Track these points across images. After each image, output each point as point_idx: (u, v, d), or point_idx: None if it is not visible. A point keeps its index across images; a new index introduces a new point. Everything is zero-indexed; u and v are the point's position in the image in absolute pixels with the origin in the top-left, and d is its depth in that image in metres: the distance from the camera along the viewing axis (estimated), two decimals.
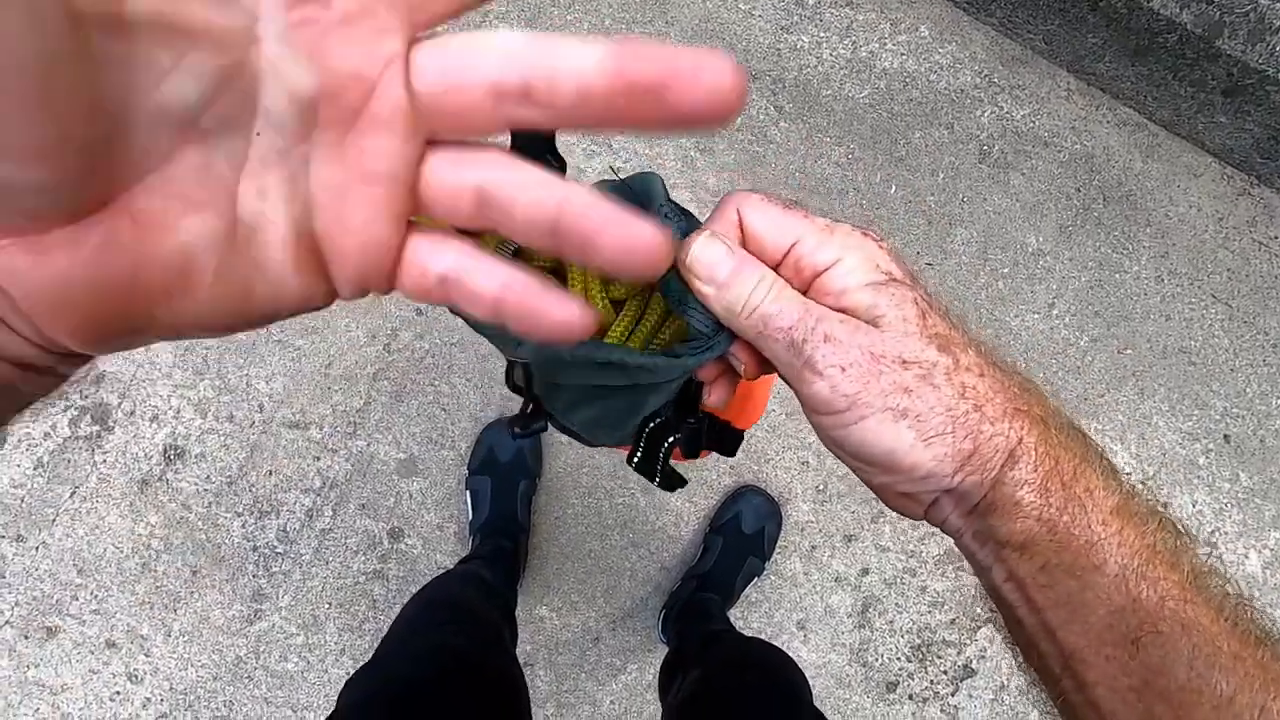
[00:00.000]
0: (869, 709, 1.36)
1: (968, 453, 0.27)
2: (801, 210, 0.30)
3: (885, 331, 0.27)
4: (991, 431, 0.26)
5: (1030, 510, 0.27)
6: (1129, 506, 0.27)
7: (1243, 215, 1.47)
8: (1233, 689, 0.24)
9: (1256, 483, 1.42)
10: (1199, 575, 0.26)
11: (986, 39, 1.48)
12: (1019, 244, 1.45)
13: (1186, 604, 0.25)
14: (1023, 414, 0.27)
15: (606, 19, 1.43)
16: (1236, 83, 1.30)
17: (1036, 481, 0.26)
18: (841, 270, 0.28)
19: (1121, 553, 0.26)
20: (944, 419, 0.26)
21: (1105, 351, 1.44)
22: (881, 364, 0.26)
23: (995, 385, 0.27)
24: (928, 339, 0.27)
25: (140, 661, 1.29)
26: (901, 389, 0.26)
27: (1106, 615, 0.26)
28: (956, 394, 0.26)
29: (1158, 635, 0.25)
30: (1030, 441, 0.27)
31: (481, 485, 1.29)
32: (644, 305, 0.38)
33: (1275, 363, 1.45)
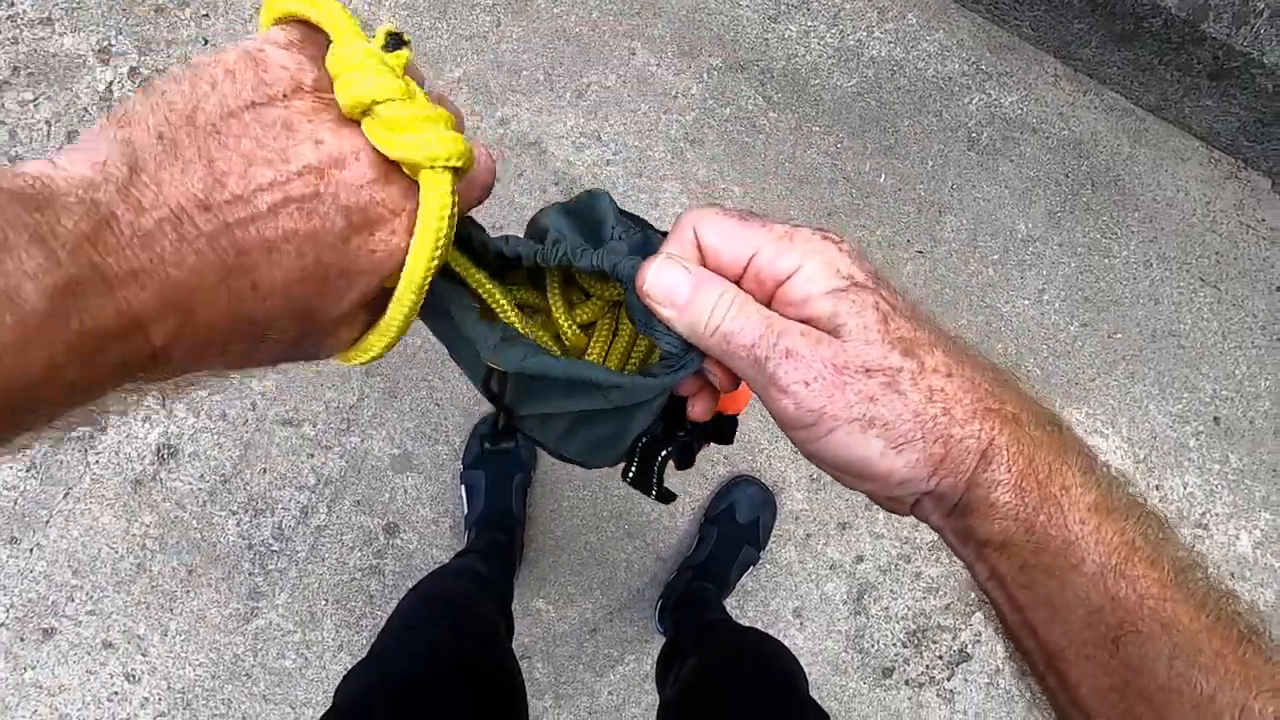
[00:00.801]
0: (865, 695, 1.37)
1: (939, 456, 0.27)
2: (759, 219, 0.29)
3: (847, 341, 0.27)
4: (962, 434, 0.26)
5: (1006, 511, 0.27)
6: (1108, 502, 0.27)
7: (1230, 198, 1.48)
8: (1213, 687, 0.24)
9: (1246, 464, 1.43)
10: (1181, 571, 0.26)
11: (973, 26, 1.48)
12: (1009, 230, 1.45)
13: (1167, 601, 0.25)
14: (993, 413, 0.27)
15: (594, 11, 1.42)
16: (1222, 66, 1.31)
17: (1011, 481, 0.26)
18: (801, 279, 0.28)
19: (1099, 551, 0.26)
20: (912, 425, 0.26)
21: (1095, 336, 1.44)
22: (845, 375, 0.26)
23: (964, 385, 0.27)
24: (890, 344, 0.27)
25: (138, 661, 1.29)
26: (867, 398, 0.26)
27: (1086, 615, 0.26)
28: (924, 398, 0.26)
29: (1137, 634, 0.25)
30: (1002, 441, 0.27)
31: (476, 479, 1.29)
32: (614, 326, 0.38)
33: (1264, 344, 1.46)
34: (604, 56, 1.42)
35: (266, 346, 0.27)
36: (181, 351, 0.24)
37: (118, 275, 0.22)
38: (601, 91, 1.41)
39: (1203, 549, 1.41)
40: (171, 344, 0.24)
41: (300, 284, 0.26)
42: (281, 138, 0.26)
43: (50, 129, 1.32)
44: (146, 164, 0.23)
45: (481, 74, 1.40)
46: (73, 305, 0.21)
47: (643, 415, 0.35)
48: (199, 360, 0.26)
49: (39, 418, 0.23)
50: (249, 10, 1.38)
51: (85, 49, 1.35)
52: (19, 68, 1.33)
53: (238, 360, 0.27)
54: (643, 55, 1.43)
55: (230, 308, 0.24)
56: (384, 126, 0.28)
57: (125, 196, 0.23)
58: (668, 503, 0.41)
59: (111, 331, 0.22)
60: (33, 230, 0.20)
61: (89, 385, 0.23)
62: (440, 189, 0.29)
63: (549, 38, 1.41)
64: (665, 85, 1.42)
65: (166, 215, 0.23)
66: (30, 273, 0.20)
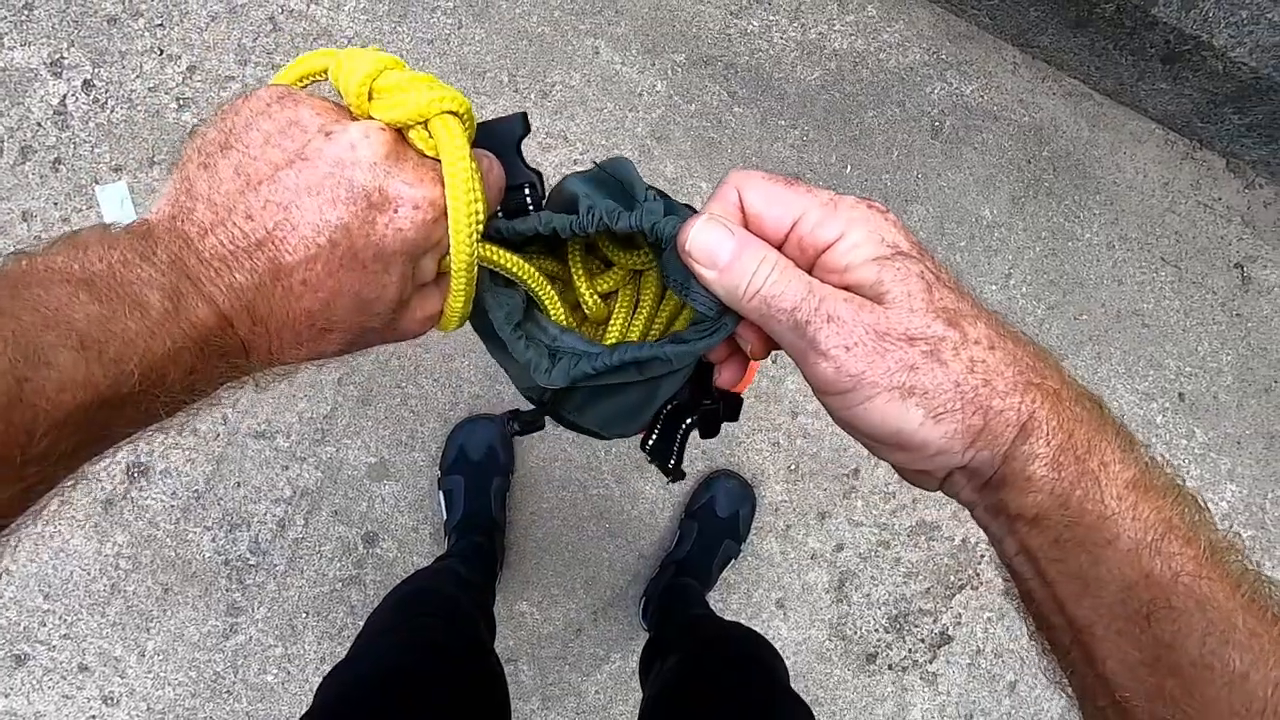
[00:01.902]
0: (850, 681, 1.38)
1: (978, 428, 0.26)
2: (804, 185, 0.29)
3: (890, 308, 0.27)
4: (1002, 406, 0.26)
5: (1042, 484, 0.26)
6: (1146, 480, 0.26)
7: (1186, 179, 1.51)
8: (1247, 665, 0.24)
9: (1211, 438, 1.47)
10: (1216, 551, 0.25)
11: (933, 16, 1.50)
12: (974, 217, 1.47)
13: (1202, 579, 0.25)
14: (1035, 387, 0.27)
15: (556, 11, 1.42)
16: (1174, 50, 1.33)
17: (1049, 456, 0.26)
18: (845, 246, 0.28)
19: (1135, 527, 0.25)
20: (952, 395, 0.26)
21: (1062, 318, 1.47)
22: (886, 341, 0.26)
23: (1006, 358, 0.27)
24: (934, 313, 0.27)
25: (115, 684, 1.27)
26: (907, 366, 0.26)
27: (1118, 590, 0.25)
28: (965, 369, 0.26)
29: (1170, 610, 0.25)
30: (1042, 415, 0.26)
31: (455, 485, 1.28)
32: (636, 293, 0.38)
33: (1224, 320, 1.49)
34: (567, 56, 1.42)
35: (334, 335, 0.30)
36: (260, 346, 0.29)
37: (202, 283, 0.27)
38: (566, 91, 1.41)
39: None
40: (250, 339, 0.28)
41: (340, 273, 0.28)
42: (294, 133, 0.29)
43: (3, 145, 1.29)
44: (199, 190, 0.28)
45: (444, 77, 1.39)
46: (179, 306, 0.26)
47: (670, 383, 0.34)
48: (279, 353, 0.30)
49: (168, 402, 0.27)
50: (204, 19, 1.36)
51: (36, 62, 1.32)
52: None
53: (313, 349, 0.30)
54: (606, 54, 1.43)
55: (286, 304, 0.28)
56: (386, 96, 0.30)
57: (190, 219, 0.28)
58: (678, 479, 0.40)
59: (210, 327, 0.27)
60: (142, 254, 0.26)
61: (203, 372, 0.28)
62: (452, 132, 0.30)
63: (511, 39, 1.41)
64: (630, 83, 1.42)
65: (221, 228, 0.28)
66: (148, 283, 0.26)
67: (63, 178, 1.31)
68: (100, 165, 1.32)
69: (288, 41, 1.37)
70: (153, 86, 1.34)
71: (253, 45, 1.36)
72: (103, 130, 1.32)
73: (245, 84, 1.35)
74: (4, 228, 1.29)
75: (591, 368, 0.33)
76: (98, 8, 1.34)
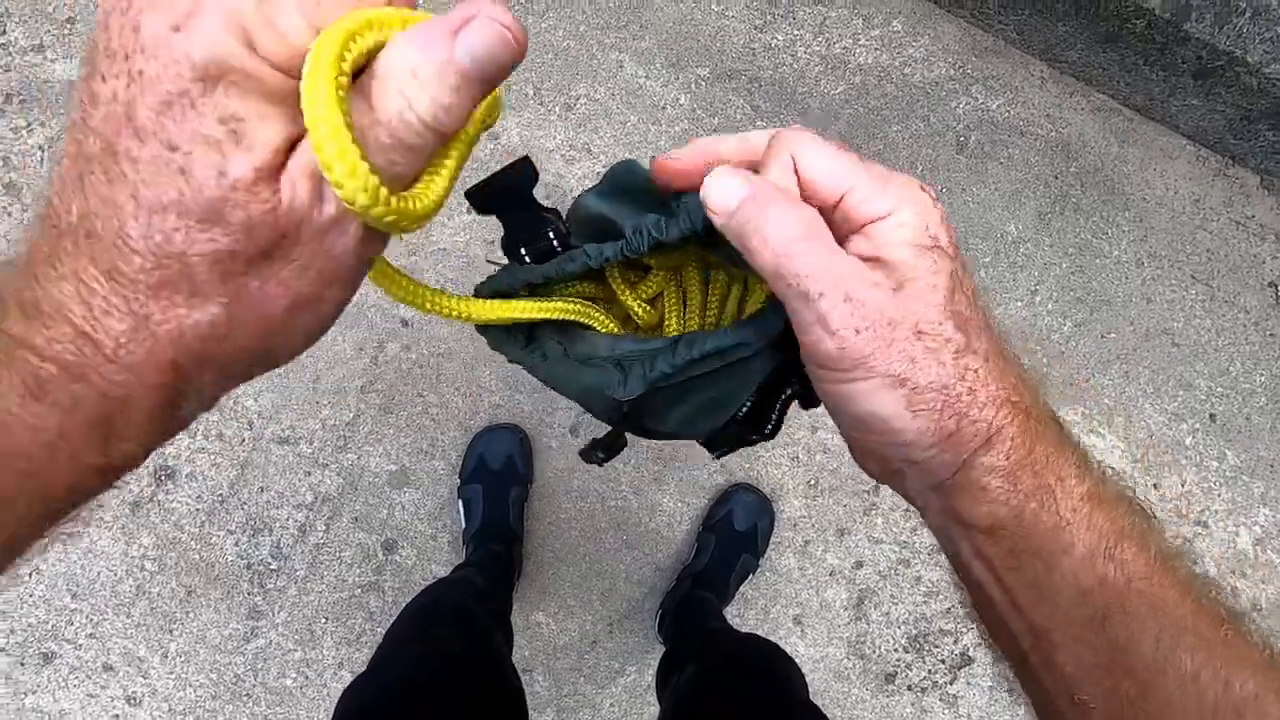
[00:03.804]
0: (868, 701, 1.37)
1: (949, 431, 0.27)
2: (854, 153, 0.29)
3: (909, 297, 0.26)
4: (977, 416, 0.27)
5: (996, 495, 0.27)
6: (1100, 492, 0.27)
7: (1219, 196, 1.49)
8: (1198, 666, 0.25)
9: (1244, 460, 1.43)
10: (1167, 556, 0.26)
11: (959, 31, 1.49)
12: (999, 233, 1.46)
13: (1154, 584, 0.26)
14: (1010, 404, 0.27)
15: (581, 25, 1.43)
16: (1206, 65, 1.31)
17: (1006, 469, 0.27)
18: (892, 223, 0.27)
19: (1090, 536, 0.26)
20: (937, 396, 0.26)
21: (1089, 336, 1.45)
22: (896, 331, 0.26)
23: (995, 372, 0.27)
24: (949, 314, 0.27)
25: (138, 684, 1.29)
26: (909, 358, 0.26)
27: (1074, 595, 0.26)
28: (958, 375, 0.26)
29: (1125, 615, 0.25)
30: (1009, 430, 0.27)
31: (473, 493, 1.29)
32: (681, 289, 0.37)
33: (1257, 340, 1.46)
34: (592, 69, 1.43)
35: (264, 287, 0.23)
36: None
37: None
38: (590, 104, 1.42)
39: (1202, 547, 1.41)
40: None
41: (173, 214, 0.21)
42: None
43: (43, 155, 1.33)
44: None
45: None
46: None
47: (761, 361, 0.32)
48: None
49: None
50: None
51: (77, 75, 1.36)
52: (11, 95, 1.34)
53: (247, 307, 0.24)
54: (631, 67, 1.44)
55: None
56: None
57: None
58: (772, 438, 0.37)
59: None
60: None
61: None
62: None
63: (536, 52, 1.42)
64: (654, 96, 1.43)
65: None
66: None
67: None
68: None
69: None
70: None
71: None
72: None
73: None
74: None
75: (670, 366, 0.32)
76: None
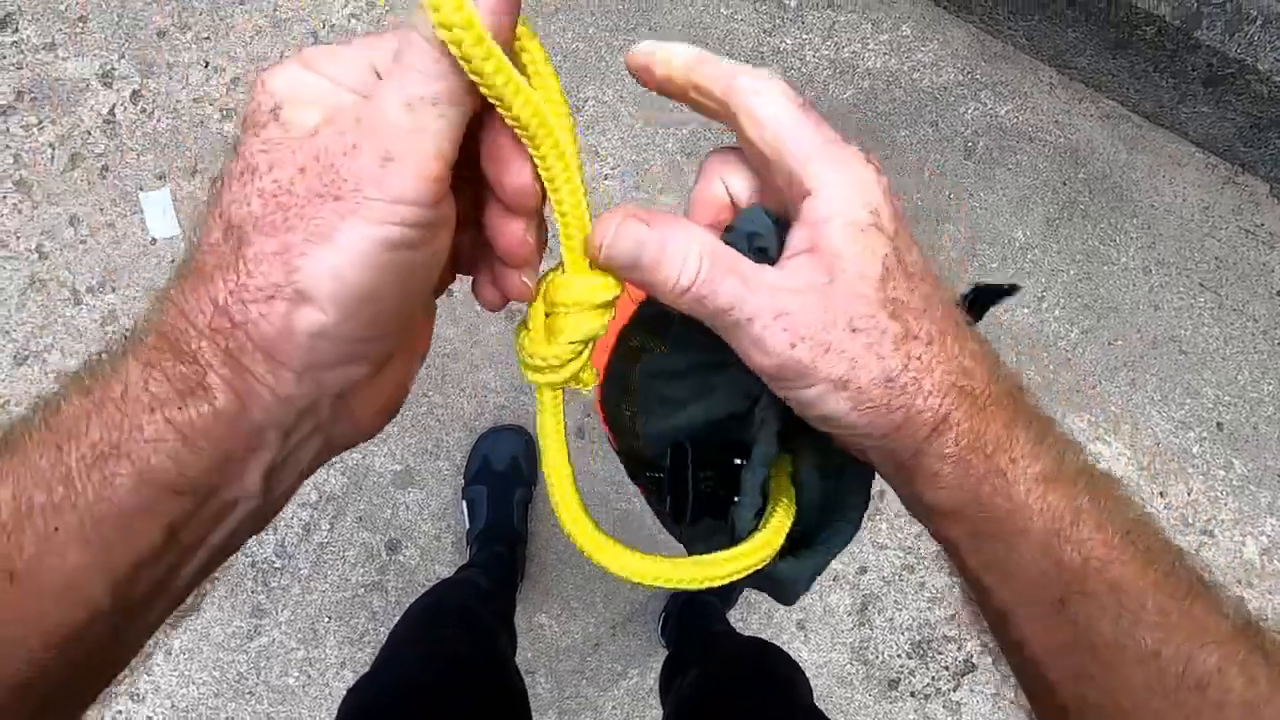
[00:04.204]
0: (871, 707, 1.36)
1: (896, 424, 0.27)
2: (815, 118, 0.27)
3: (838, 289, 0.26)
4: (923, 406, 0.26)
5: (949, 480, 0.27)
6: (1058, 470, 0.27)
7: (1228, 203, 1.48)
8: (1158, 644, 0.25)
9: (1251, 470, 1.42)
10: (1128, 531, 0.26)
11: (968, 36, 1.49)
12: (1007, 238, 1.45)
13: (1113, 563, 0.26)
14: (957, 390, 0.27)
15: (590, 27, 1.44)
16: (1216, 73, 1.31)
17: (956, 455, 0.27)
18: (832, 197, 0.26)
19: (1045, 517, 0.26)
20: (881, 391, 0.26)
21: (1096, 343, 1.44)
22: (830, 333, 0.26)
23: (941, 355, 0.27)
24: (882, 303, 0.26)
25: (141, 681, 1.29)
26: (848, 359, 0.26)
27: (1033, 577, 0.26)
28: (900, 365, 0.26)
29: (1084, 595, 0.26)
30: (957, 416, 0.27)
31: (478, 494, 1.29)
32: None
33: (1266, 349, 1.46)
34: (600, 72, 1.43)
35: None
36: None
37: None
38: (599, 106, 1.42)
39: (1208, 556, 1.40)
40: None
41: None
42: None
43: (54, 153, 1.34)
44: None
45: None
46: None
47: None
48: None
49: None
50: (249, 33, 1.39)
51: (88, 73, 1.36)
52: (23, 92, 1.34)
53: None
54: None
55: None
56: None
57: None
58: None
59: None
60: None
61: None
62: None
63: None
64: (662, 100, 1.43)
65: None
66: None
67: (110, 184, 1.35)
68: (145, 173, 1.35)
69: None
70: (197, 98, 1.38)
71: None
72: (149, 139, 1.36)
73: None
74: (53, 231, 1.33)
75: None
76: (148, 21, 1.38)
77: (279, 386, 0.23)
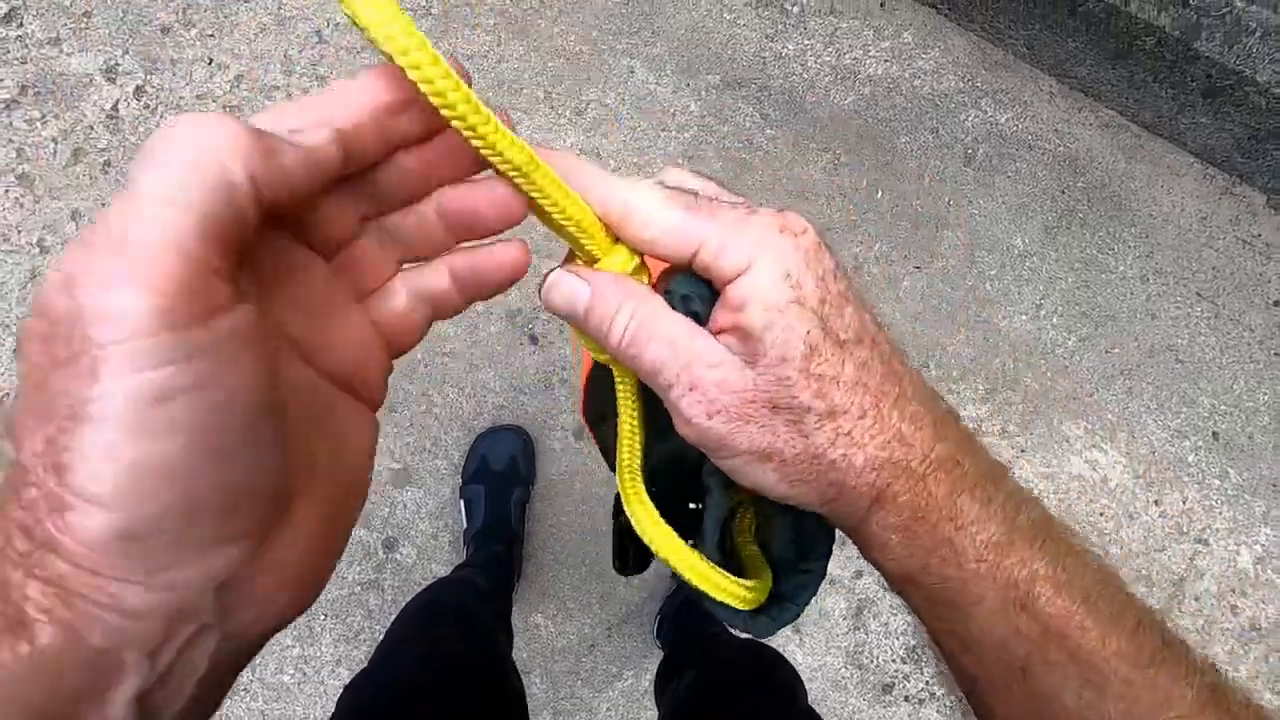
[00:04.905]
0: (865, 711, 1.36)
1: (833, 496, 0.26)
2: (709, 204, 0.26)
3: (761, 370, 0.25)
4: (856, 481, 0.26)
5: (898, 550, 0.27)
6: (1009, 534, 0.26)
7: (1226, 214, 1.49)
8: (1121, 715, 0.25)
9: (1246, 479, 1.43)
10: (1088, 595, 0.26)
11: (969, 44, 1.50)
12: (1005, 246, 1.46)
13: (1072, 630, 0.25)
14: (894, 464, 0.26)
15: (593, 30, 1.44)
16: (1215, 84, 1.32)
17: (901, 525, 0.26)
18: (747, 283, 0.25)
19: (1000, 585, 0.26)
20: (808, 467, 0.26)
21: (1093, 351, 1.45)
22: (750, 409, 0.25)
23: (874, 427, 0.26)
24: (806, 382, 0.25)
25: None
26: (770, 433, 0.26)
27: (994, 646, 0.26)
28: (827, 441, 0.25)
29: (1045, 665, 0.25)
30: (896, 488, 0.26)
31: (475, 494, 1.29)
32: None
33: (1262, 359, 1.46)
34: (603, 75, 1.44)
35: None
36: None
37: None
38: (601, 109, 1.43)
39: (1203, 565, 1.41)
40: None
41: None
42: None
43: (57, 147, 1.34)
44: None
45: (482, 93, 1.42)
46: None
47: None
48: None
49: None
50: (253, 30, 1.40)
51: (92, 68, 1.36)
52: (27, 86, 1.34)
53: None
54: (642, 73, 1.44)
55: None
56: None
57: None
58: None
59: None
60: None
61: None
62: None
63: (549, 56, 1.43)
64: (664, 103, 1.44)
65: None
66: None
67: (112, 180, 1.35)
68: None
69: (332, 54, 1.40)
70: (201, 94, 1.38)
71: (298, 57, 1.40)
72: None
73: (290, 94, 1.39)
74: (54, 226, 1.33)
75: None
76: (153, 17, 1.39)
77: (121, 603, 0.18)
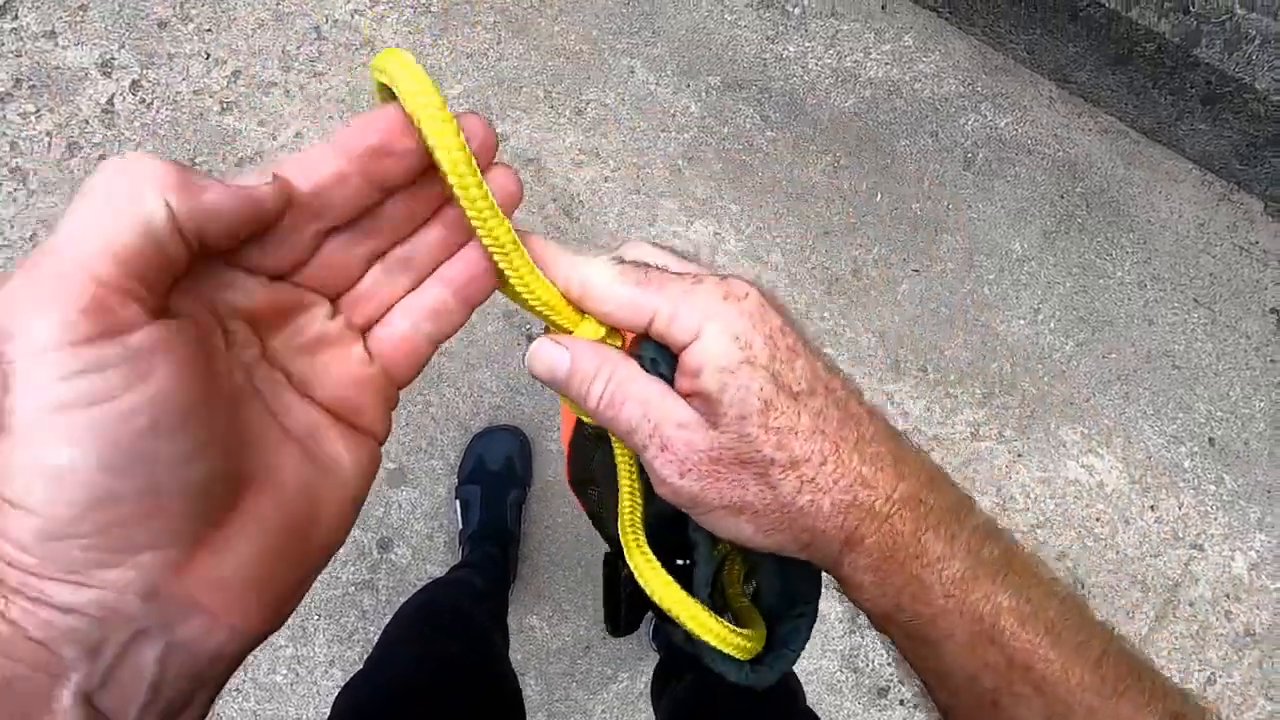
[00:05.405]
0: (860, 715, 1.36)
1: (806, 541, 0.28)
2: (658, 274, 0.28)
3: (723, 429, 0.26)
4: (826, 525, 0.27)
5: (871, 590, 0.28)
6: (974, 569, 0.27)
7: (1223, 220, 1.49)
8: None
9: (1241, 485, 1.43)
10: (1052, 625, 0.27)
11: (969, 48, 1.50)
12: (1004, 250, 1.46)
13: (1038, 662, 0.26)
14: (858, 507, 0.27)
15: (594, 29, 1.44)
16: (1214, 90, 1.32)
17: (872, 565, 0.27)
18: (698, 349, 0.26)
19: (967, 620, 0.27)
20: (779, 516, 0.27)
21: (1090, 356, 1.45)
22: (719, 466, 0.27)
23: (838, 473, 0.27)
24: (766, 434, 0.26)
25: None
26: (739, 487, 0.27)
27: (964, 679, 0.27)
28: (794, 490, 0.27)
29: (1013, 697, 0.26)
30: (864, 531, 0.27)
31: (471, 494, 1.28)
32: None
33: (1258, 366, 1.47)
34: (603, 74, 1.43)
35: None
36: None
37: None
38: (600, 109, 1.42)
39: (1197, 570, 1.41)
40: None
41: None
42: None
43: (51, 141, 1.33)
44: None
45: (481, 91, 1.41)
46: None
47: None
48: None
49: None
50: (251, 25, 1.39)
51: (88, 62, 1.35)
52: (21, 80, 1.33)
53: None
54: (642, 74, 1.44)
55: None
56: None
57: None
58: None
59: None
60: None
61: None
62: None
63: (549, 55, 1.43)
64: (664, 103, 1.44)
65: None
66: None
67: None
68: None
69: (331, 51, 1.40)
70: (198, 90, 1.37)
71: (296, 53, 1.39)
72: (147, 130, 1.35)
73: (287, 90, 1.38)
74: (48, 220, 1.32)
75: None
76: (149, 11, 1.38)
77: (52, 599, 0.19)
